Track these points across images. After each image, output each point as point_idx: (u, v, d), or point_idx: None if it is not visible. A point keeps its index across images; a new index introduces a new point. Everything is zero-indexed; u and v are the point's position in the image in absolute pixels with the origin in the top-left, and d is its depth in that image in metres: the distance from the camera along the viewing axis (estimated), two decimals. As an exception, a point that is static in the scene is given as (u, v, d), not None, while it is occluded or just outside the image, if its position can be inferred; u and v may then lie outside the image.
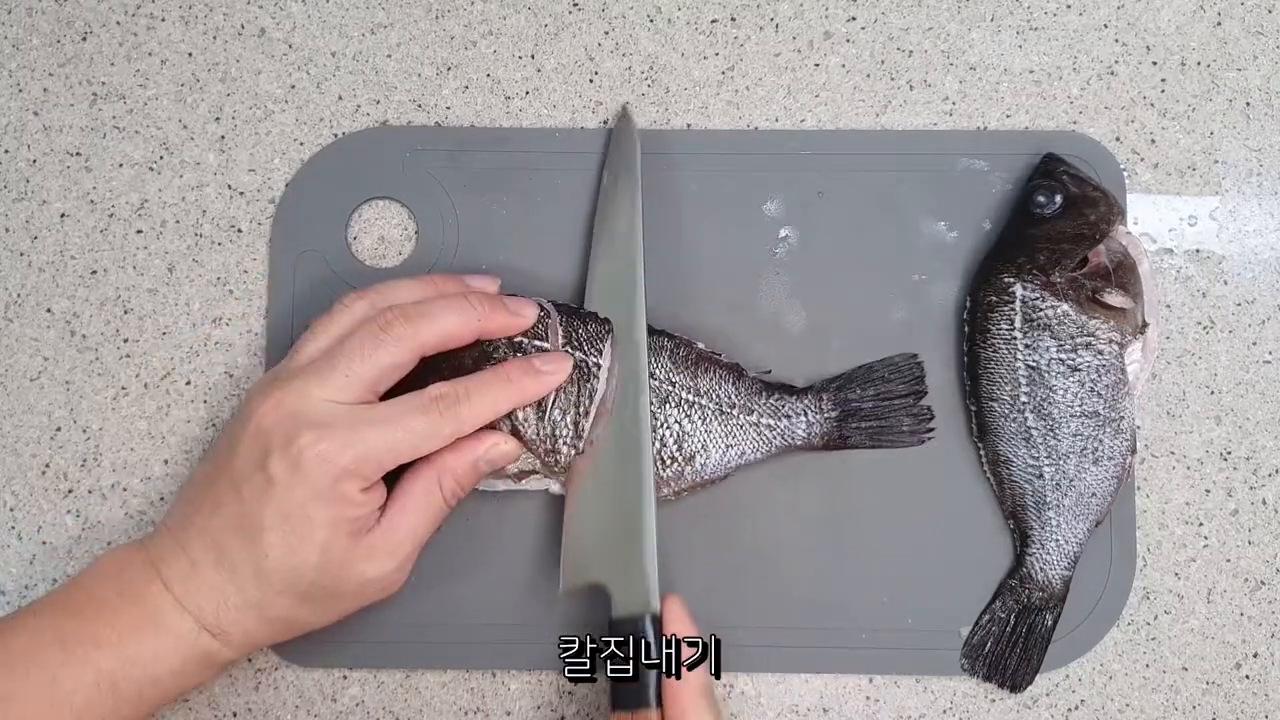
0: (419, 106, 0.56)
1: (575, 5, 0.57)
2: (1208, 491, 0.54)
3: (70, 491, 0.54)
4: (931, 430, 0.53)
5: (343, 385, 0.45)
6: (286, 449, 0.44)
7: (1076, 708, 0.53)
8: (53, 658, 0.43)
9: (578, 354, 0.50)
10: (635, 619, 0.47)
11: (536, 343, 0.50)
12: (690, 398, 0.51)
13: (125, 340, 0.55)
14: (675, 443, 0.51)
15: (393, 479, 0.47)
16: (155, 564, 0.45)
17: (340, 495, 0.44)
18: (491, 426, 0.49)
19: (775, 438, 0.52)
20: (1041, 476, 0.51)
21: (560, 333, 0.50)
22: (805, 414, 0.52)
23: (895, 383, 0.53)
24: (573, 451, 0.50)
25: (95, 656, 0.43)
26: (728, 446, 0.51)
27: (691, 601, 0.52)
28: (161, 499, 0.54)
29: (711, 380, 0.52)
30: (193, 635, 0.45)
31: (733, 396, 0.52)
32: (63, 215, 0.56)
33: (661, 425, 0.51)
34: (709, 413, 0.51)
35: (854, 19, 0.57)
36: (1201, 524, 0.54)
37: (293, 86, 0.57)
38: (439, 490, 0.47)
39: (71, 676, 0.43)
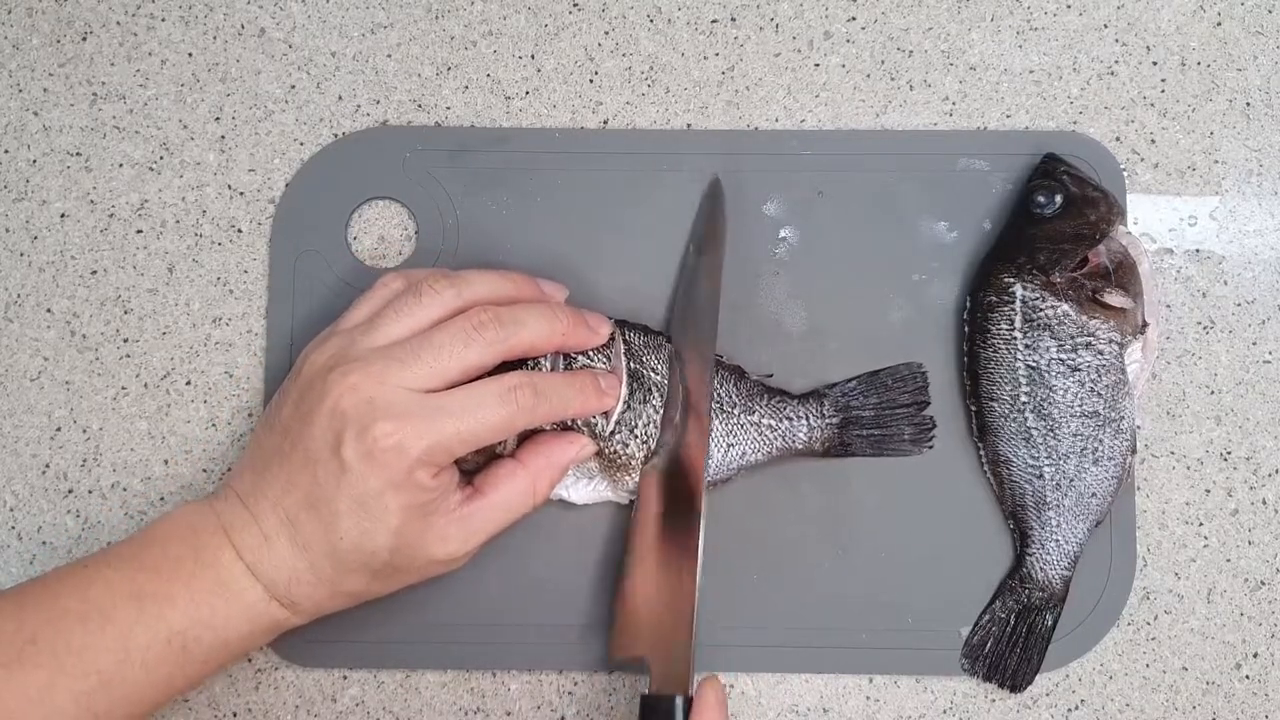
0: (419, 106, 0.56)
1: (575, 5, 0.57)
2: (1208, 491, 0.54)
3: (70, 491, 0.54)
4: (933, 440, 0.53)
5: (424, 376, 0.45)
6: (362, 437, 0.44)
7: (1076, 708, 0.53)
8: (128, 613, 0.43)
9: (633, 363, 0.51)
10: (668, 699, 0.47)
11: (593, 354, 0.51)
12: None
13: (125, 340, 0.55)
14: None
15: None
16: (227, 531, 0.45)
17: (413, 483, 0.45)
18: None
19: (776, 439, 0.52)
20: (1041, 476, 0.51)
21: (624, 355, 0.51)
22: (806, 418, 0.52)
23: (898, 391, 0.53)
24: (640, 456, 0.51)
25: (169, 615, 0.44)
26: (729, 446, 0.51)
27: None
28: (162, 499, 0.54)
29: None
30: (263, 604, 0.45)
31: (733, 396, 0.52)
32: (63, 215, 0.56)
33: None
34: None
35: (854, 19, 0.57)
36: (1201, 524, 0.54)
37: (293, 86, 0.57)
38: (531, 495, 0.49)
39: (146, 633, 0.43)
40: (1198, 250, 0.55)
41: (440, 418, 0.45)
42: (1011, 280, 0.52)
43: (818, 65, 0.57)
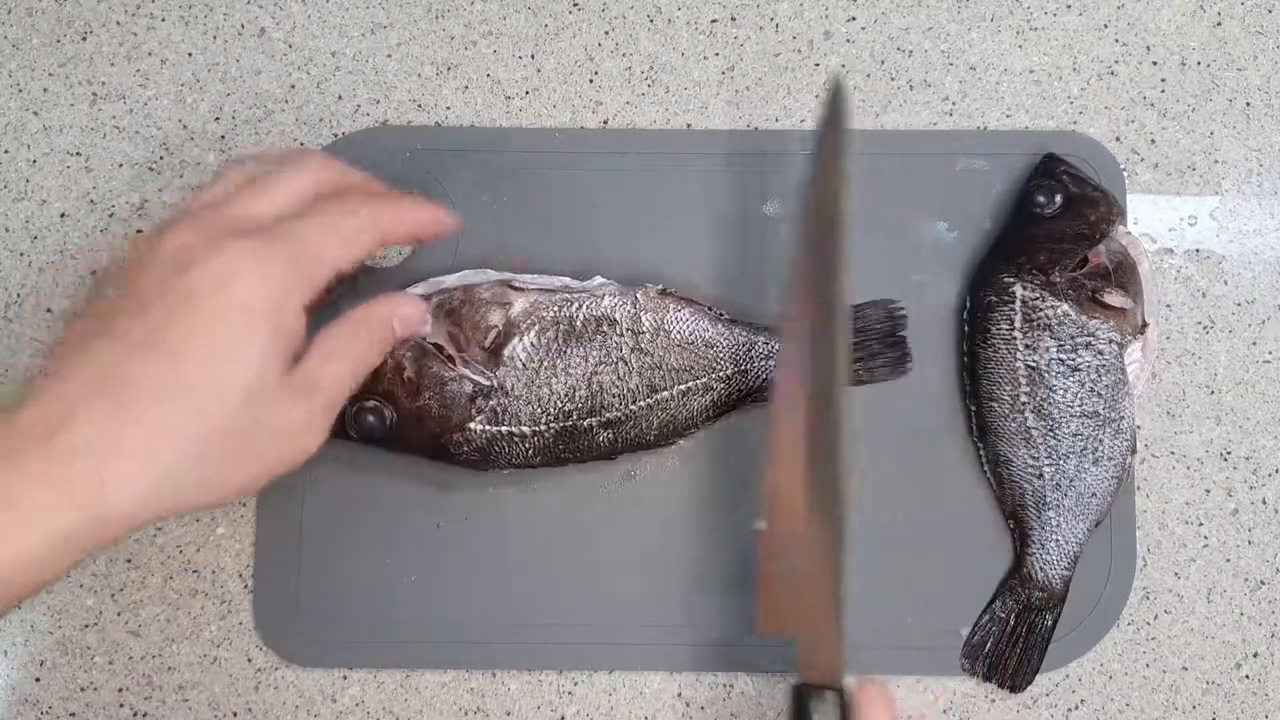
0: (419, 106, 0.56)
1: (575, 5, 0.57)
2: (1208, 491, 0.54)
3: (70, 491, 0.54)
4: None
5: (268, 203, 0.42)
6: (215, 256, 0.39)
7: (1076, 708, 0.53)
8: None
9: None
10: (819, 695, 0.42)
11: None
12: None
13: (125, 340, 0.55)
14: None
15: None
16: (6, 428, 0.36)
17: (281, 309, 0.40)
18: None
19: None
20: (1041, 476, 0.51)
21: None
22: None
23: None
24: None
25: None
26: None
27: (691, 601, 0.52)
28: (161, 499, 0.54)
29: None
30: (53, 509, 0.36)
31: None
32: (63, 215, 0.56)
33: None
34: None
35: (854, 19, 0.57)
36: (1201, 524, 0.54)
37: (293, 86, 0.57)
38: (354, 338, 0.44)
39: None
40: (1198, 250, 0.55)
41: (298, 225, 0.41)
42: (1011, 280, 0.52)
43: (818, 65, 0.57)
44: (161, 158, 0.56)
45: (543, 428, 0.50)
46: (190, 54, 0.57)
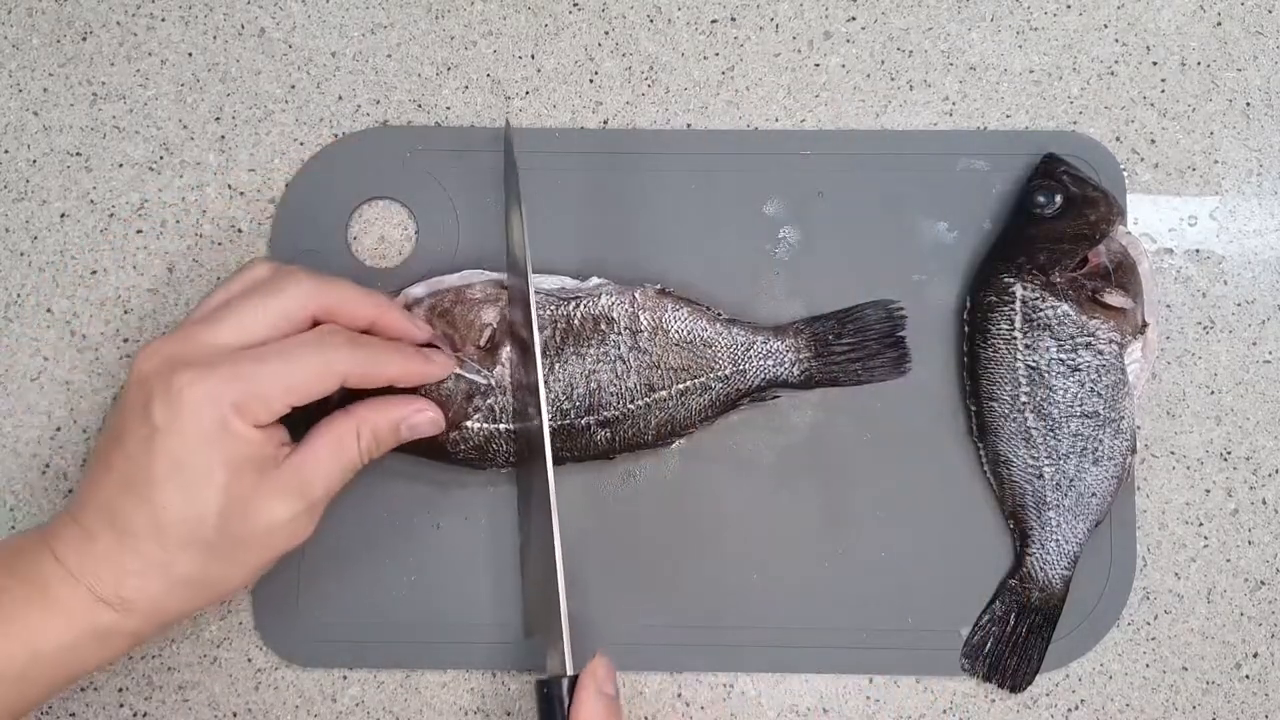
0: (419, 106, 0.56)
1: (575, 5, 0.57)
2: (1208, 491, 0.54)
3: (70, 491, 0.54)
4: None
5: (232, 329, 0.44)
6: (167, 392, 0.42)
7: (1076, 708, 0.53)
8: None
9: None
10: (555, 683, 0.46)
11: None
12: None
13: (125, 340, 0.55)
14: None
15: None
16: (49, 541, 0.43)
17: (231, 435, 0.43)
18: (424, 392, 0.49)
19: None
20: (1041, 476, 0.51)
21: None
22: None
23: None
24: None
25: None
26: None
27: (690, 602, 0.52)
28: (161, 499, 0.54)
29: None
30: (85, 608, 0.42)
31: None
32: (63, 215, 0.56)
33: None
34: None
35: (854, 19, 0.57)
36: (1201, 524, 0.54)
37: (293, 86, 0.57)
38: (355, 441, 0.46)
39: None
40: (1198, 250, 0.55)
41: (249, 364, 0.43)
42: (1011, 280, 0.52)
43: (818, 65, 0.57)
44: (161, 158, 0.56)
45: None
46: (190, 54, 0.57)
